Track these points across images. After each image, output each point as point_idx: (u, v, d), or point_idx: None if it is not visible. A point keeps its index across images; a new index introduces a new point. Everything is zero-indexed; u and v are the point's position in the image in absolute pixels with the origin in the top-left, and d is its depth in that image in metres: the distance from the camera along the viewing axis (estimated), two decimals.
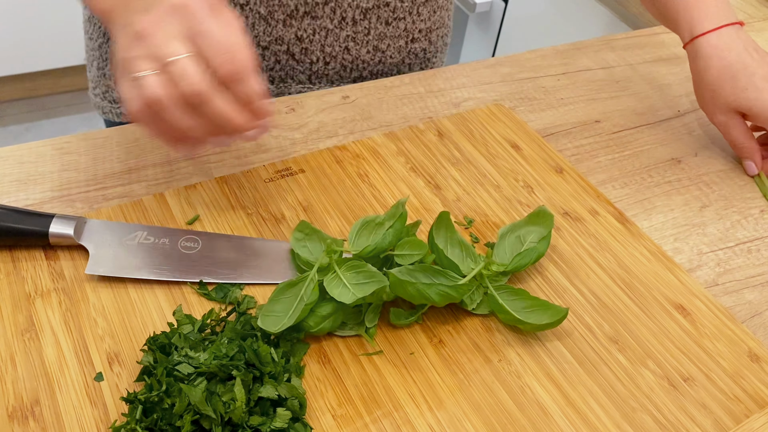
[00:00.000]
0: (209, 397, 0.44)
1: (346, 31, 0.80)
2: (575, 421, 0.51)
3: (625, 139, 0.80)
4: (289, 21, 0.77)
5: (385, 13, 0.80)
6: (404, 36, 0.84)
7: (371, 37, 0.81)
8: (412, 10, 0.82)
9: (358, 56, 0.82)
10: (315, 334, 0.52)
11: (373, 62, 0.84)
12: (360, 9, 0.78)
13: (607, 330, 0.57)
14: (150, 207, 0.61)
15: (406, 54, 0.86)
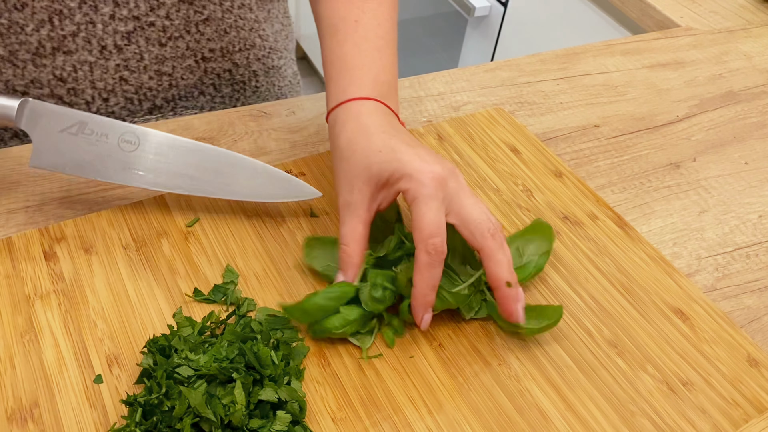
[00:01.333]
0: (209, 399, 0.44)
1: (114, 60, 0.70)
2: (574, 425, 0.51)
3: (624, 143, 0.80)
4: (38, 60, 0.68)
5: (153, 33, 0.71)
6: (190, 55, 0.75)
7: (147, 61, 0.72)
8: (189, 28, 0.73)
9: (140, 84, 0.74)
10: (329, 335, 0.52)
11: (163, 87, 0.76)
12: (120, 34, 0.69)
13: (607, 334, 0.57)
14: (150, 209, 0.61)
15: (202, 73, 0.78)
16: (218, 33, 0.76)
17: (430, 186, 0.52)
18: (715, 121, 0.85)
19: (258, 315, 0.54)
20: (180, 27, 0.72)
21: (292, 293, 0.56)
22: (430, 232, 0.51)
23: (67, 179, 0.65)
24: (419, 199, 0.52)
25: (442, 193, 0.52)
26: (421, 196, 0.52)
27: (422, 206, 0.52)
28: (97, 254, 0.57)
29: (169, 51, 0.73)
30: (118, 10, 0.68)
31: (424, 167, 0.52)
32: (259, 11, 0.80)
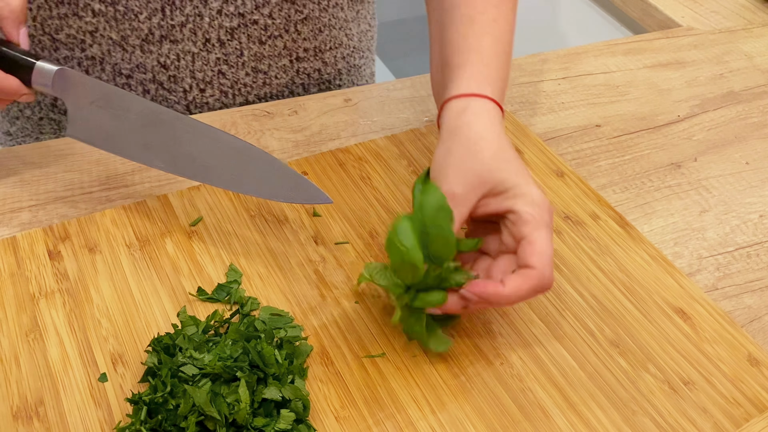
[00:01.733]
0: (214, 398, 0.44)
1: (215, 53, 0.74)
2: (576, 424, 0.51)
3: (626, 143, 0.80)
4: (146, 47, 0.71)
5: (255, 31, 0.74)
6: (286, 54, 0.78)
7: (246, 58, 0.75)
8: (288, 28, 0.76)
9: (237, 80, 0.77)
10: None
11: (257, 85, 0.78)
12: (224, 29, 0.72)
13: (608, 334, 0.57)
14: (154, 208, 0.62)
15: (294, 73, 0.81)
16: (313, 32, 0.79)
17: (547, 216, 0.52)
18: (716, 121, 0.85)
19: (261, 314, 0.54)
20: (280, 26, 0.75)
21: (295, 292, 0.57)
22: (546, 262, 0.50)
23: (71, 179, 0.65)
24: (544, 228, 0.51)
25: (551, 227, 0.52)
26: (546, 225, 0.51)
27: (543, 234, 0.51)
28: (101, 253, 0.57)
29: (267, 49, 0.76)
30: (225, 6, 0.71)
31: (544, 199, 0.52)
32: (349, 11, 0.83)
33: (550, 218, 0.52)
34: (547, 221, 0.52)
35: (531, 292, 0.51)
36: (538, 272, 0.50)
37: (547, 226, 0.51)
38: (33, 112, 0.79)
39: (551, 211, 0.52)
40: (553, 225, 0.53)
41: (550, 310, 0.58)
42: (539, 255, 0.50)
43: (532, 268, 0.50)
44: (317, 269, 0.59)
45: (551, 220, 0.52)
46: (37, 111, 0.79)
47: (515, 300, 0.51)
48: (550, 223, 0.52)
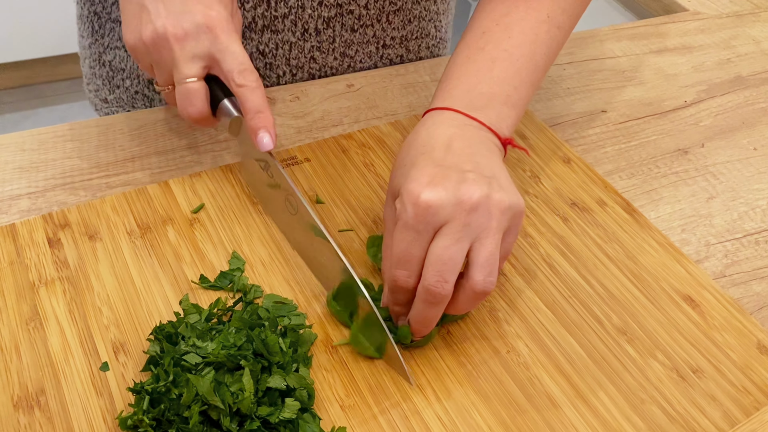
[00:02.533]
0: (217, 387, 0.43)
1: (311, 42, 0.76)
2: (584, 413, 0.50)
3: (632, 129, 0.79)
4: (248, 34, 0.74)
5: (349, 20, 0.76)
6: (374, 42, 0.80)
7: (337, 44, 0.78)
8: (380, 18, 0.78)
9: (325, 64, 0.79)
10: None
11: (342, 68, 0.81)
12: (322, 18, 0.75)
13: (616, 321, 0.57)
14: (155, 195, 0.61)
15: (378, 59, 0.82)
16: (403, 23, 0.81)
17: (409, 213, 0.47)
18: (724, 107, 0.84)
19: (265, 302, 0.53)
20: (373, 16, 0.78)
21: (298, 280, 0.56)
22: (396, 261, 0.48)
23: (70, 166, 0.64)
24: (397, 225, 0.48)
25: (424, 225, 0.47)
26: (400, 221, 0.48)
27: (396, 232, 0.48)
28: (102, 241, 0.56)
29: (357, 37, 0.78)
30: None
31: (415, 190, 0.48)
32: (441, 3, 0.84)
33: (411, 214, 0.47)
34: (404, 220, 0.47)
35: (387, 292, 0.51)
36: (387, 273, 0.50)
37: (403, 225, 0.48)
38: (132, 84, 0.80)
39: (420, 205, 0.47)
40: (423, 223, 0.47)
41: (557, 298, 0.58)
42: (390, 254, 0.49)
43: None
44: None
45: (414, 216, 0.47)
46: (135, 84, 0.80)
47: (391, 302, 0.51)
48: (409, 222, 0.47)
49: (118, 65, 0.79)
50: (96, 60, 0.81)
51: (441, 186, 0.47)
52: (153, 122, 0.69)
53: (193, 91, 0.54)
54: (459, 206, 0.47)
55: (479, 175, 0.49)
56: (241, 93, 0.54)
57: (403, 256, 0.48)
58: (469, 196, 0.47)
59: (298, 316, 0.53)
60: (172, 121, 0.69)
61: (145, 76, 0.79)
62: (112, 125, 0.68)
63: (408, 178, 0.49)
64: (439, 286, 0.47)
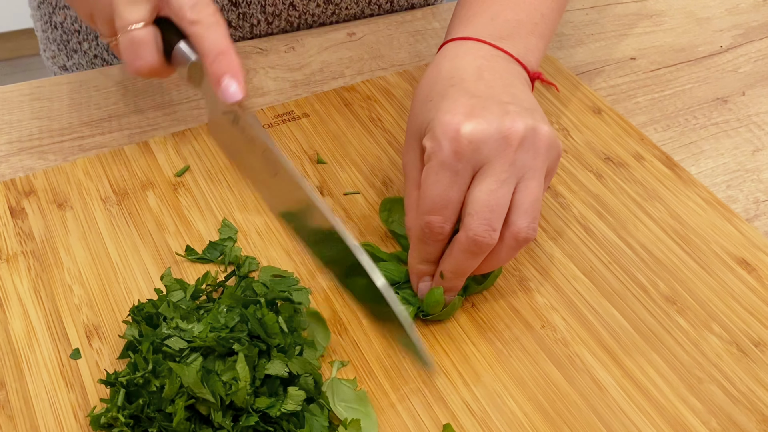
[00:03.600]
0: (206, 376, 0.36)
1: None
2: (634, 396, 0.44)
3: (665, 77, 0.71)
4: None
5: None
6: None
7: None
8: None
9: (306, 11, 0.70)
10: None
11: (325, 15, 0.71)
12: None
13: (663, 289, 0.50)
14: (133, 157, 0.53)
15: (366, 5, 0.73)
16: None
17: (446, 150, 0.41)
18: (763, 52, 0.76)
19: (262, 275, 0.46)
20: None
21: (299, 250, 0.49)
22: (429, 208, 0.42)
23: (38, 127, 0.56)
24: (429, 165, 0.42)
25: (465, 164, 0.41)
26: (434, 161, 0.42)
27: (430, 174, 0.42)
28: (72, 209, 0.49)
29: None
30: None
31: (453, 122, 0.41)
32: None
33: (449, 151, 0.41)
34: (439, 159, 0.41)
35: (416, 242, 0.44)
36: (419, 220, 0.43)
37: (438, 164, 0.41)
38: (90, 47, 0.71)
39: (459, 139, 0.41)
40: (463, 162, 0.41)
41: (594, 264, 0.51)
42: (420, 199, 0.43)
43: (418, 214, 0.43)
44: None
45: (452, 153, 0.41)
46: (94, 47, 0.71)
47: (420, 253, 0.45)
48: (446, 160, 0.41)
49: (71, 26, 0.70)
50: (47, 22, 0.72)
51: (482, 118, 0.41)
52: (132, 78, 0.61)
53: (139, 40, 0.44)
54: (504, 141, 0.41)
55: (521, 108, 0.42)
56: (195, 32, 0.44)
57: (438, 200, 0.42)
58: (515, 129, 0.41)
59: (300, 292, 0.45)
60: None
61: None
62: (86, 81, 0.61)
63: (441, 111, 0.42)
64: (487, 236, 0.41)
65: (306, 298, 0.45)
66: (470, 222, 0.41)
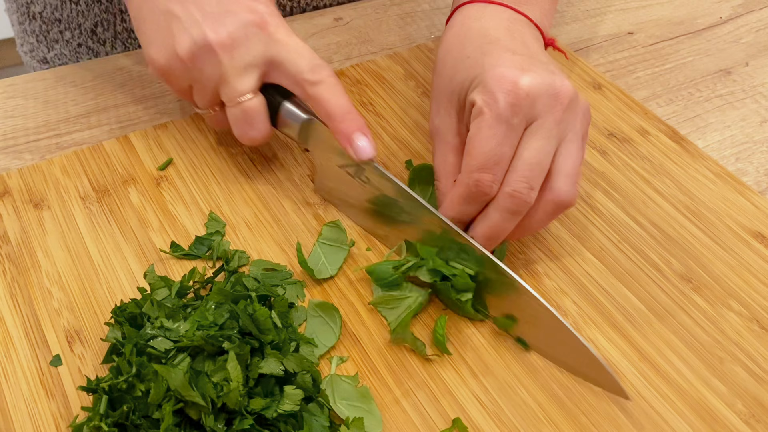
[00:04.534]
0: (195, 378, 0.34)
1: None
2: (652, 379, 0.41)
3: (664, 51, 0.69)
4: None
5: None
6: None
7: None
8: None
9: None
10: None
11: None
12: None
13: (677, 267, 0.47)
14: (113, 152, 0.51)
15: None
16: None
17: (503, 102, 0.39)
18: (765, 21, 0.74)
19: (252, 270, 0.43)
20: None
21: (292, 242, 0.46)
22: (480, 164, 0.40)
23: (12, 126, 0.53)
24: (481, 118, 0.40)
25: (521, 117, 0.40)
26: (488, 115, 0.40)
27: (483, 129, 0.40)
28: (50, 209, 0.46)
29: None
30: None
31: (509, 75, 0.40)
32: None
33: (505, 104, 0.40)
34: (494, 112, 0.40)
35: (457, 199, 0.42)
36: (465, 176, 0.41)
37: (494, 118, 0.40)
38: (73, 36, 0.68)
39: (516, 92, 0.40)
40: (519, 116, 0.40)
41: (603, 244, 0.48)
42: (468, 155, 0.41)
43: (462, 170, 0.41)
44: (317, 213, 0.48)
45: (508, 107, 0.40)
46: (77, 35, 0.68)
47: (458, 214, 0.42)
48: (502, 113, 0.40)
49: (51, 15, 0.67)
50: (24, 14, 0.69)
51: (535, 72, 0.41)
52: (111, 71, 0.59)
53: (253, 110, 0.44)
54: (555, 99, 0.40)
55: (558, 70, 0.42)
56: (318, 94, 0.43)
57: (492, 155, 0.40)
58: (566, 88, 0.41)
59: (294, 285, 0.43)
60: (133, 68, 0.59)
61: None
62: (63, 77, 0.58)
63: (489, 66, 0.41)
64: (526, 193, 0.40)
65: (301, 292, 0.43)
66: (511, 178, 0.40)
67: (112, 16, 0.67)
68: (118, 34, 0.68)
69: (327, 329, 0.41)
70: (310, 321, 0.41)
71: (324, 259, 0.45)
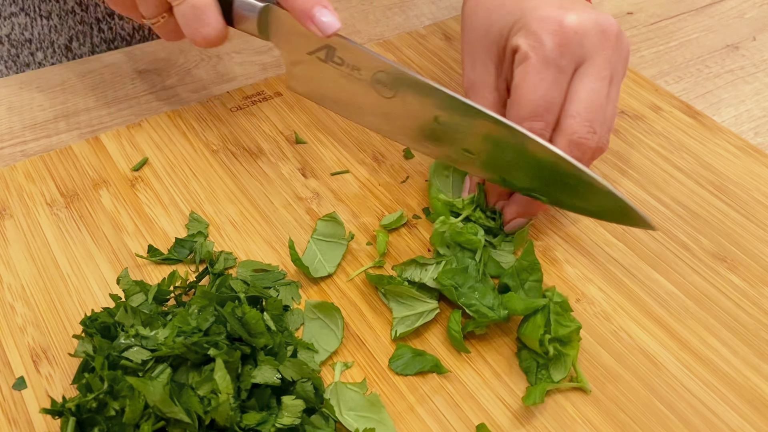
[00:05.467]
0: (177, 392, 0.29)
1: None
2: (697, 369, 0.36)
3: (667, 29, 0.65)
4: None
5: None
6: None
7: None
8: None
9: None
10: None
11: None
12: None
13: (708, 246, 0.43)
14: (82, 155, 0.46)
15: None
16: None
17: (549, 44, 0.37)
18: None
19: (240, 271, 0.39)
20: None
21: (283, 240, 0.41)
22: (531, 112, 0.37)
23: None
24: (527, 63, 0.38)
25: (569, 59, 0.38)
26: (534, 59, 0.37)
27: (530, 74, 0.37)
28: (13, 217, 0.42)
29: None
30: None
31: (553, 15, 0.38)
32: None
33: (553, 45, 0.37)
34: (542, 54, 0.37)
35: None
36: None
37: (541, 61, 0.37)
38: (45, 56, 0.64)
39: (564, 32, 0.37)
40: (567, 57, 0.38)
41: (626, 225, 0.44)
42: (516, 104, 0.38)
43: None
44: (310, 207, 0.44)
45: (557, 47, 0.37)
46: (50, 55, 0.64)
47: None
48: (550, 55, 0.37)
49: (20, 36, 0.62)
50: None
51: (579, 10, 0.38)
52: (80, 74, 0.54)
53: (202, 4, 0.40)
54: (603, 36, 0.38)
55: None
56: None
57: (542, 102, 0.37)
58: (612, 24, 0.39)
59: (288, 286, 0.38)
60: (104, 71, 0.55)
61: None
62: (27, 83, 0.54)
63: (530, 9, 0.39)
64: (590, 137, 0.38)
65: (296, 293, 0.38)
66: (572, 124, 0.37)
67: (88, 27, 0.63)
68: (95, 46, 0.64)
69: (328, 332, 0.37)
70: (308, 324, 0.37)
71: (320, 256, 0.40)
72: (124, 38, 0.64)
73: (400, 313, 0.37)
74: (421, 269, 0.39)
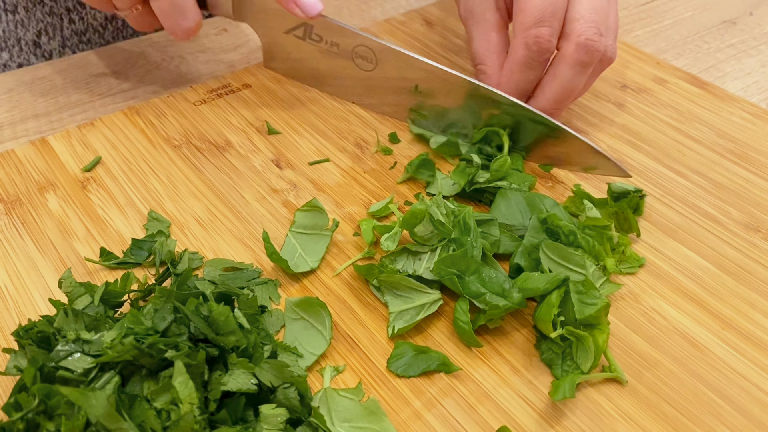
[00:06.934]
0: (127, 404, 0.23)
1: None
2: (743, 348, 0.31)
3: (660, 8, 0.62)
4: None
5: None
6: None
7: None
8: None
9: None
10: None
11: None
12: None
13: (738, 216, 0.38)
14: (26, 158, 0.41)
15: None
16: None
17: None
18: None
19: (208, 271, 0.33)
20: None
21: (257, 235, 0.36)
22: (537, 18, 0.37)
23: None
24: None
25: None
26: None
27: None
28: None
29: None
30: None
31: None
32: None
33: None
34: None
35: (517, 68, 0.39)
36: (521, 37, 0.38)
37: None
38: (11, 56, 0.58)
39: None
40: None
41: (647, 201, 0.39)
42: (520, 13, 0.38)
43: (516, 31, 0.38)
44: (287, 200, 0.38)
45: None
46: (16, 54, 0.57)
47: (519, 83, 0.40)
48: None
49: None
50: None
51: None
52: (28, 82, 0.49)
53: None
54: None
55: None
56: None
57: (546, 6, 0.38)
58: None
59: (266, 285, 0.33)
60: (55, 77, 0.50)
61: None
62: None
63: None
64: (598, 40, 0.38)
65: (275, 293, 0.33)
66: (577, 27, 0.38)
67: (58, 19, 0.58)
68: (66, 40, 0.59)
69: (313, 333, 0.31)
70: (290, 326, 0.31)
71: (301, 250, 0.35)
72: (96, 29, 0.59)
73: (398, 307, 0.32)
74: (414, 259, 0.33)
